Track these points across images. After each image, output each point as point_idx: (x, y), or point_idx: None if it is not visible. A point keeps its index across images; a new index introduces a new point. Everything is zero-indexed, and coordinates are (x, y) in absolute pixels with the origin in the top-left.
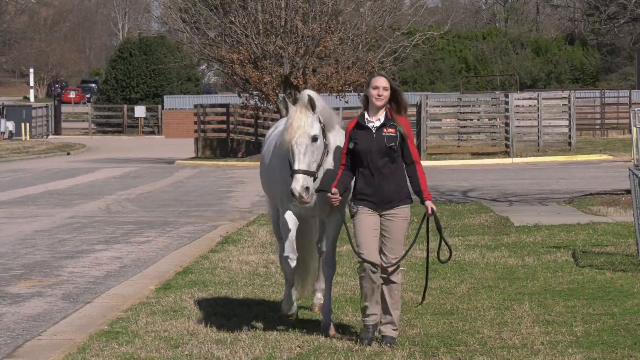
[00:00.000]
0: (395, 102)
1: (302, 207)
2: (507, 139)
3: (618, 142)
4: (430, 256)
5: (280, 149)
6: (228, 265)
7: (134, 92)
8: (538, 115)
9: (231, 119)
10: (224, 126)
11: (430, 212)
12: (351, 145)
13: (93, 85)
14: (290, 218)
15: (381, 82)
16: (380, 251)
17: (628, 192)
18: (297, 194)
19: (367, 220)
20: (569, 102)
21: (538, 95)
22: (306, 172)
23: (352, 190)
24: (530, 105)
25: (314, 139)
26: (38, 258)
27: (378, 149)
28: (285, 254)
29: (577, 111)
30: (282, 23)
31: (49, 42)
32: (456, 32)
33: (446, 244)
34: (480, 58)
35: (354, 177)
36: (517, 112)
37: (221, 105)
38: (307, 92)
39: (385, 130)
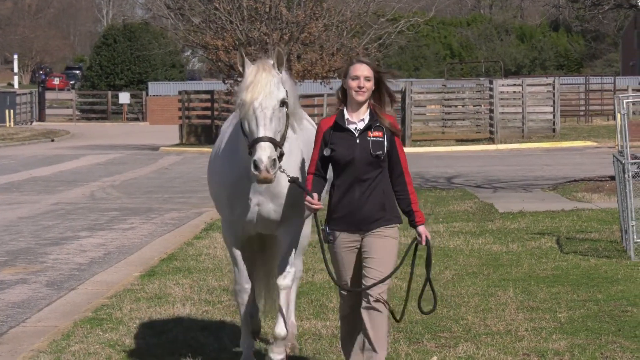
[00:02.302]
0: (379, 94)
1: (250, 219)
2: (491, 125)
3: (602, 128)
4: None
5: (225, 143)
6: (212, 252)
7: (118, 78)
8: (522, 101)
9: (216, 105)
10: (208, 113)
11: (423, 241)
12: (327, 152)
13: (77, 71)
14: (234, 236)
15: (362, 70)
16: (362, 276)
17: (612, 178)
18: (262, 167)
19: (343, 258)
20: (554, 88)
21: (522, 82)
22: (272, 141)
23: (328, 207)
24: (514, 92)
25: (282, 103)
26: (22, 245)
27: (362, 158)
28: (236, 285)
29: (562, 98)
30: (267, 9)
31: (33, 29)
32: (441, 18)
33: (432, 290)
34: (464, 44)
35: (329, 190)
36: (501, 99)
37: (206, 92)
38: (276, 48)
39: (370, 133)
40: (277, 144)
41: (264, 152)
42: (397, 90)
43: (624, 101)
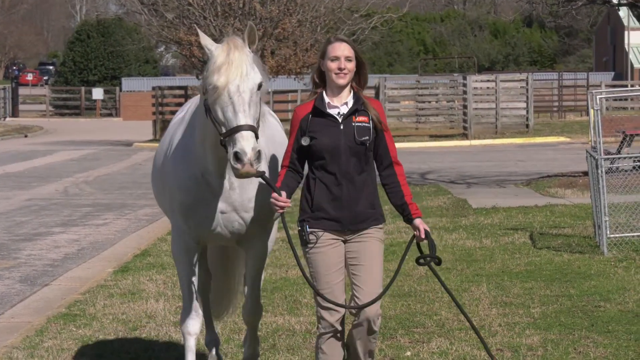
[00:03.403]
0: (360, 77)
1: (208, 230)
2: (465, 121)
3: (576, 124)
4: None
5: (179, 138)
6: None
7: (91, 74)
8: (496, 97)
9: None
10: None
11: (423, 235)
12: (305, 142)
13: (51, 67)
14: (186, 250)
15: (342, 50)
16: (351, 290)
17: (585, 174)
18: (246, 160)
19: (328, 257)
20: (527, 84)
21: (496, 78)
22: (254, 130)
23: (304, 204)
24: (488, 88)
25: (259, 86)
26: None
27: (348, 147)
28: (185, 317)
29: (535, 93)
30: (241, 5)
31: (7, 25)
32: (414, 14)
33: (458, 305)
34: (438, 40)
35: (306, 185)
36: (475, 95)
37: (179, 88)
38: (249, 23)
39: (355, 119)
40: (257, 133)
41: (247, 143)
42: (371, 86)
43: (597, 97)
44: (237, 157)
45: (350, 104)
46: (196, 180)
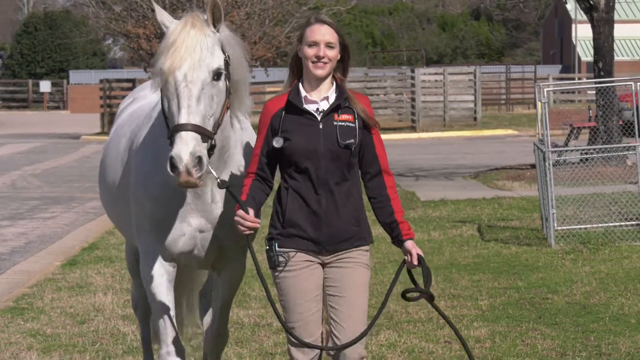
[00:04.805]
0: (344, 67)
1: (182, 252)
2: (413, 114)
3: (523, 117)
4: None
5: (146, 137)
6: None
7: (39, 67)
8: (444, 90)
9: None
10: None
11: (415, 262)
12: (277, 143)
13: None
14: (161, 275)
15: (323, 33)
16: (329, 325)
17: (533, 166)
18: (181, 167)
19: (301, 282)
20: (475, 77)
21: (444, 71)
22: (199, 130)
23: (274, 219)
24: (436, 81)
25: (217, 75)
26: None
27: (328, 150)
28: (164, 348)
29: (483, 86)
30: None
31: None
32: (363, 7)
33: (447, 321)
34: (386, 33)
35: (277, 195)
36: (423, 87)
37: (127, 80)
38: None
39: (337, 117)
40: (207, 134)
41: (185, 147)
42: None
43: (545, 90)
44: (172, 163)
45: (332, 98)
46: (171, 190)
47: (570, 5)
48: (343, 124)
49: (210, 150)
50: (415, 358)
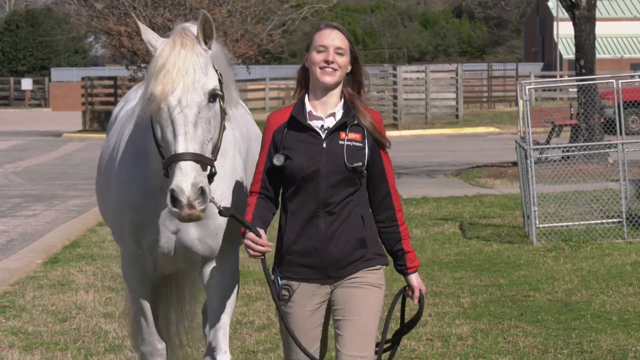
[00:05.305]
0: (356, 79)
1: (161, 253)
2: (395, 111)
3: (505, 114)
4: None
5: (127, 138)
6: None
7: (20, 64)
8: (426, 88)
9: (119, 91)
10: (112, 99)
11: (416, 298)
12: (278, 161)
13: None
14: (141, 278)
15: (333, 39)
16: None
17: (514, 164)
18: (184, 201)
19: (305, 322)
20: (457, 75)
21: (426, 68)
22: (199, 159)
23: (277, 245)
24: (418, 78)
25: (213, 97)
26: None
27: (331, 172)
28: (144, 346)
29: (465, 84)
30: None
31: None
32: (345, 5)
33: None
34: (368, 31)
35: (278, 215)
36: (405, 85)
37: (109, 78)
38: (202, 11)
39: (344, 135)
40: (207, 162)
41: (186, 178)
42: None
43: (526, 87)
44: (173, 197)
45: (339, 115)
46: (151, 193)
47: (552, 3)
48: (350, 143)
49: (210, 177)
50: (396, 356)
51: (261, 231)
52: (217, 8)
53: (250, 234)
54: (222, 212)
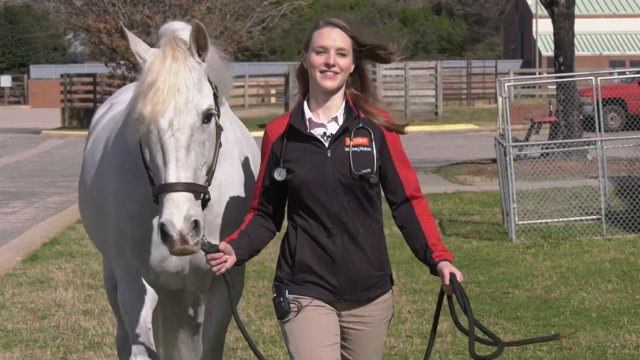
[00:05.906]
0: (362, 78)
1: (166, 272)
2: None
3: (484, 111)
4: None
5: (120, 145)
6: None
7: None
8: (405, 85)
9: (98, 88)
10: (91, 96)
11: (447, 281)
12: (279, 176)
13: None
14: (142, 301)
15: (333, 38)
16: None
17: (494, 161)
18: (175, 235)
19: (317, 325)
20: (436, 72)
21: (405, 66)
22: (192, 189)
23: (282, 262)
24: (397, 75)
25: (207, 117)
26: None
27: (339, 182)
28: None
29: (444, 81)
30: None
31: None
32: (324, 2)
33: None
34: None
35: (285, 235)
36: (384, 82)
37: (88, 75)
38: (194, 21)
39: (349, 141)
40: (201, 190)
41: (177, 211)
42: (281, 73)
43: (506, 84)
44: (163, 230)
45: (341, 120)
46: (153, 203)
47: (531, 0)
48: (357, 149)
49: (204, 204)
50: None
51: (223, 244)
52: (196, 5)
53: (209, 255)
54: (204, 247)
